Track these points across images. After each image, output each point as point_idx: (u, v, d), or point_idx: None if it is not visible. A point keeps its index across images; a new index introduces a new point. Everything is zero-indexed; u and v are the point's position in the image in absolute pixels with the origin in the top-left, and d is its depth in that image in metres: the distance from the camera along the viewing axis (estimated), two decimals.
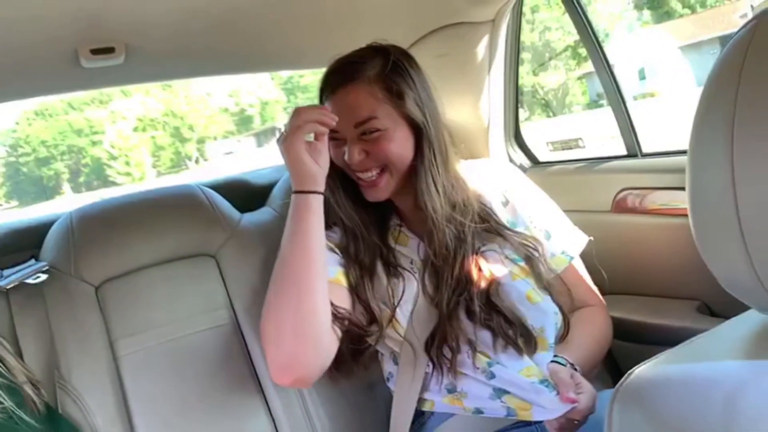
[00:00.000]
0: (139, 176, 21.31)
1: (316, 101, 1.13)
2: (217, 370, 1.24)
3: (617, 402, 0.46)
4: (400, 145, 1.08)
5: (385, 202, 1.14)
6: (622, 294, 1.40)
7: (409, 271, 1.10)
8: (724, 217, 0.43)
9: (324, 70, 1.14)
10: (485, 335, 1.05)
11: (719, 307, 1.25)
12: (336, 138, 1.08)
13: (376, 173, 1.08)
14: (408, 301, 1.08)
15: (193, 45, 1.34)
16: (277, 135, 1.18)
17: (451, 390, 1.07)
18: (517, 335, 1.04)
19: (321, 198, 1.03)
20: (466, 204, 1.12)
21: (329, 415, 1.23)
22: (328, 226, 1.09)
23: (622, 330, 1.21)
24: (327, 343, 1.00)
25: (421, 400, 1.09)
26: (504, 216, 1.16)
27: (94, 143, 21.55)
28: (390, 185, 1.10)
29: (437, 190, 1.09)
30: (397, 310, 1.08)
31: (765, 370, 0.42)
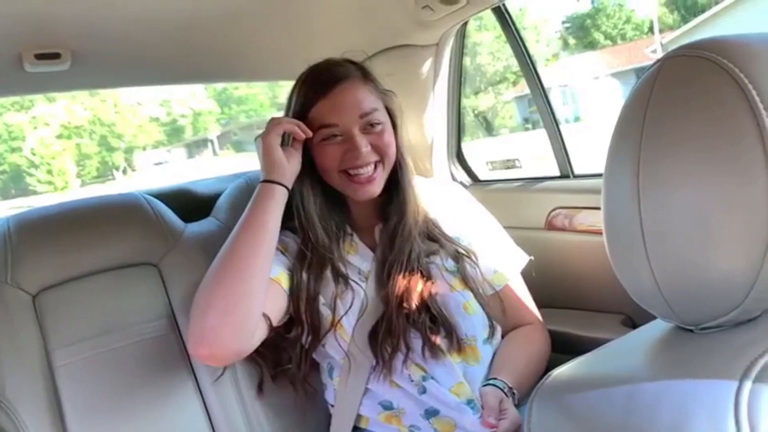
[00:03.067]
0: (62, 185, 20.34)
1: (251, 113, 1.17)
2: (158, 380, 1.22)
3: (536, 401, 0.51)
4: (393, 140, 1.14)
5: (341, 211, 1.18)
6: (556, 308, 1.47)
7: (356, 281, 1.13)
8: (631, 237, 0.48)
9: (257, 82, 1.17)
10: (418, 343, 1.08)
11: (641, 319, 1.33)
12: (335, 135, 1.10)
13: (372, 168, 1.12)
14: (354, 311, 1.10)
15: (143, 54, 1.33)
16: (209, 147, 1.19)
17: (388, 407, 1.09)
18: (440, 336, 1.07)
19: (285, 192, 1.06)
20: (419, 215, 1.17)
21: (270, 423, 1.23)
22: (283, 230, 1.10)
23: (557, 342, 1.28)
24: (250, 330, 1.00)
25: (357, 416, 1.11)
26: (447, 231, 1.21)
27: (12, 150, 20.44)
28: (382, 180, 1.14)
29: (414, 192, 1.16)
30: (344, 318, 1.10)
31: (660, 371, 0.48)
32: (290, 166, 1.07)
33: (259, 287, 1.01)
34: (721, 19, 15.90)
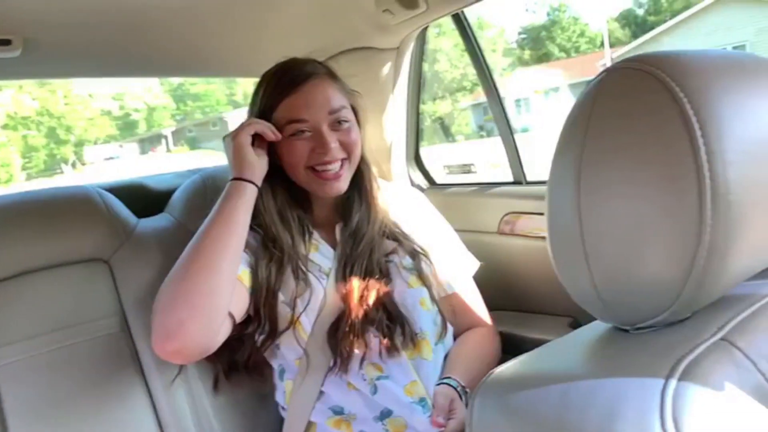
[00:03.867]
0: (5, 178, 19.58)
1: (207, 110, 1.16)
2: (106, 380, 1.19)
3: (477, 398, 0.52)
4: (359, 138, 1.16)
5: (303, 210, 1.18)
6: (507, 311, 1.50)
7: (317, 279, 1.13)
8: (572, 241, 0.50)
9: (210, 79, 1.17)
10: (376, 342, 1.09)
11: (587, 322, 1.38)
12: (304, 131, 1.11)
13: (339, 165, 1.12)
14: (313, 308, 1.11)
15: (98, 44, 1.30)
16: (163, 143, 1.18)
17: (338, 411, 1.09)
18: (395, 333, 1.08)
19: (255, 191, 1.06)
20: (381, 216, 1.19)
21: (221, 424, 1.22)
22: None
23: (506, 343, 1.30)
24: (218, 326, 0.99)
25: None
26: (403, 230, 1.23)
27: None
28: (348, 177, 1.16)
29: (375, 191, 1.19)
30: (303, 316, 1.10)
31: (593, 370, 0.50)
32: (259, 165, 1.08)
33: (227, 283, 1.00)
34: (667, 36, 16.57)
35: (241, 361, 1.17)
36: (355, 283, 1.11)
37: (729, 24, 14.96)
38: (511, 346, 1.34)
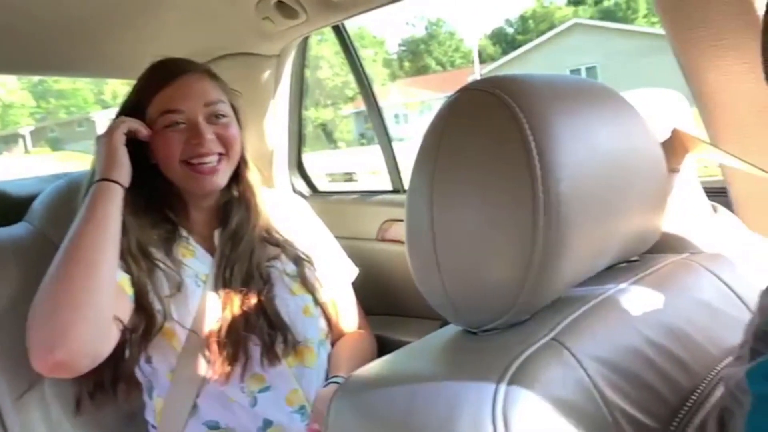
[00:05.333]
0: None
1: (73, 109, 1.11)
2: None
3: (334, 401, 0.54)
4: (239, 136, 1.13)
5: (177, 214, 1.14)
6: (384, 315, 1.54)
7: (193, 285, 1.10)
8: (425, 247, 0.53)
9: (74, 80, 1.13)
10: (257, 350, 1.07)
11: None
12: (179, 122, 1.07)
13: (216, 159, 1.09)
14: (188, 317, 1.07)
15: None
16: (20, 143, 1.11)
17: (213, 426, 1.06)
18: (276, 341, 1.07)
19: (122, 192, 1.01)
20: (262, 220, 1.17)
21: None
22: None
23: (382, 347, 1.33)
24: (105, 330, 0.94)
25: None
26: (286, 237, 1.22)
27: None
28: (226, 174, 1.12)
29: (256, 194, 1.16)
30: (177, 325, 1.06)
31: (438, 372, 0.53)
32: (128, 167, 1.04)
33: (108, 283, 0.95)
34: (533, 54, 17.85)
35: (108, 378, 1.09)
36: (235, 290, 1.08)
37: (584, 47, 16.50)
38: (387, 350, 1.37)
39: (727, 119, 0.92)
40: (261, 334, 1.07)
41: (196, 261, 1.13)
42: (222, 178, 1.11)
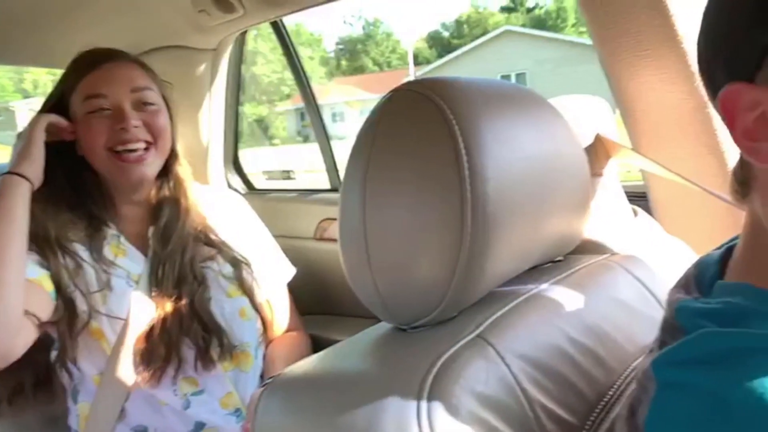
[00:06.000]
0: None
1: None
2: None
3: (261, 400, 0.53)
4: (169, 127, 1.10)
5: (107, 213, 1.10)
6: (322, 314, 1.54)
7: (124, 285, 1.06)
8: (357, 246, 0.53)
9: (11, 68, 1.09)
10: (191, 354, 1.05)
11: None
12: (104, 108, 1.03)
13: (143, 148, 1.06)
14: (118, 318, 1.03)
15: None
16: None
17: (142, 431, 1.03)
18: (212, 345, 1.05)
19: (29, 187, 0.98)
20: (196, 218, 1.14)
21: None
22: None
23: (318, 347, 1.34)
24: (14, 325, 0.90)
25: None
26: (223, 238, 1.19)
27: None
28: (155, 164, 1.09)
29: (188, 190, 1.13)
30: (106, 326, 1.03)
31: (367, 369, 0.53)
32: (40, 163, 1.00)
33: (13, 278, 0.90)
34: (466, 58, 18.24)
35: (30, 382, 1.06)
36: (168, 291, 1.05)
37: (514, 54, 17.02)
38: (323, 349, 1.38)
39: (648, 126, 0.96)
40: (195, 338, 1.04)
41: (127, 260, 1.09)
42: (149, 169, 1.08)
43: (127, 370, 1.02)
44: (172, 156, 1.14)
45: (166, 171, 1.14)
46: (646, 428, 0.38)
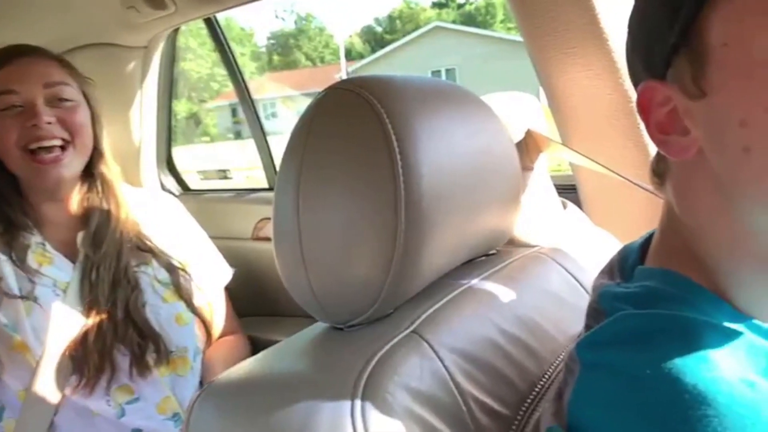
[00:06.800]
0: None
1: None
2: None
3: (197, 402, 0.52)
4: (89, 124, 1.06)
5: (29, 220, 1.05)
6: (261, 316, 1.52)
7: (50, 295, 1.02)
8: (292, 246, 0.53)
9: None
10: (125, 361, 1.02)
11: None
12: (15, 105, 0.99)
13: (59, 147, 1.01)
14: (43, 329, 0.99)
15: None
16: None
17: None
18: (147, 351, 1.03)
19: None
20: (128, 221, 1.11)
21: None
22: None
23: (258, 349, 1.32)
24: None
25: None
26: (159, 244, 1.16)
27: None
28: (73, 165, 1.04)
29: (118, 192, 1.09)
30: (31, 339, 0.98)
31: (302, 370, 0.52)
32: None
33: None
34: (399, 53, 18.41)
35: None
36: (101, 296, 1.02)
37: (445, 49, 17.33)
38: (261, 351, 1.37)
39: (577, 121, 0.99)
40: (130, 344, 1.02)
41: (53, 269, 1.04)
42: (67, 170, 1.04)
43: (55, 383, 0.98)
44: (97, 156, 1.10)
45: (91, 172, 1.10)
46: (569, 408, 0.39)
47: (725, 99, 0.37)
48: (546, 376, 0.59)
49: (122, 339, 1.02)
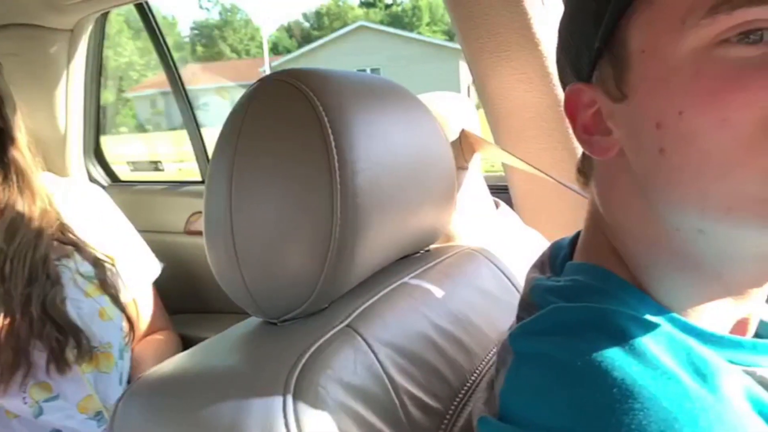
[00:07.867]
0: None
1: None
2: None
3: (122, 401, 0.50)
4: None
5: None
6: (192, 312, 1.49)
7: None
8: (224, 240, 0.51)
9: None
10: (42, 357, 0.97)
11: None
12: None
13: None
14: None
15: None
16: None
17: None
18: (67, 347, 0.99)
19: None
20: (47, 213, 1.05)
21: None
22: None
23: (189, 346, 1.30)
24: None
25: None
26: (82, 236, 1.12)
27: None
28: None
29: (35, 182, 1.04)
30: None
31: (233, 366, 0.51)
32: None
33: None
34: (325, 50, 18.41)
35: None
36: (15, 290, 0.97)
37: (369, 49, 17.48)
38: None
39: (508, 123, 1.02)
40: (48, 340, 0.97)
41: None
42: None
43: None
44: (7, 140, 1.04)
45: (2, 159, 1.04)
46: (501, 396, 0.40)
47: (643, 102, 0.38)
48: (477, 371, 0.60)
49: (39, 335, 0.97)
